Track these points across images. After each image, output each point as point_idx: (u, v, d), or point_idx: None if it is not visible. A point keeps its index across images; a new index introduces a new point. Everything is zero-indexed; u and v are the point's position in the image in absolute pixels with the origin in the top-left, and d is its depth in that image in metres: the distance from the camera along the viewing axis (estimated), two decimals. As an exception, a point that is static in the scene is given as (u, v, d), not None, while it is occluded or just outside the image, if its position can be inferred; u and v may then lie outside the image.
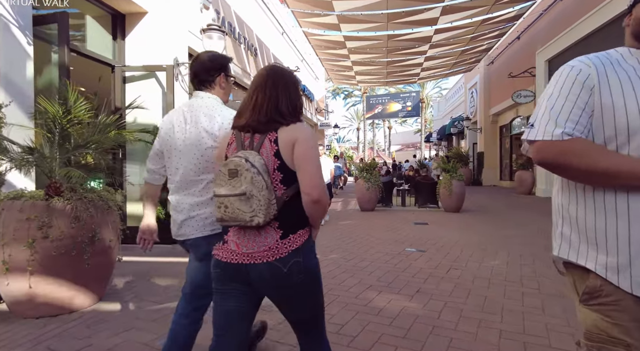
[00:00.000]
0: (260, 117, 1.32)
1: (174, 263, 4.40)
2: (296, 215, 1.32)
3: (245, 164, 1.22)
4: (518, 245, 5.26)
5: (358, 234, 6.22)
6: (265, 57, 11.63)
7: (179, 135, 1.74)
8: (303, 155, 1.28)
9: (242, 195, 1.22)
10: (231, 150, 1.36)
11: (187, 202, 1.72)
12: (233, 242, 1.32)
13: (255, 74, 1.42)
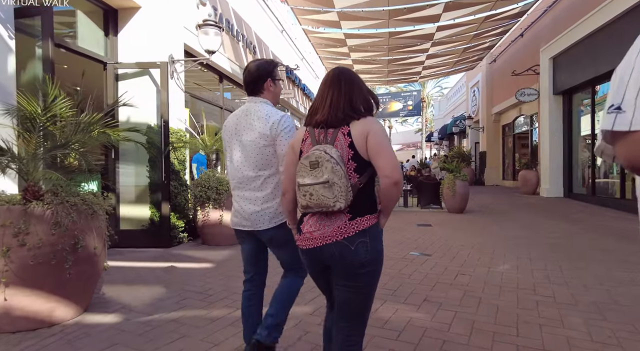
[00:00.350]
0: (338, 113, 1.48)
1: (166, 268, 4.19)
2: (365, 201, 1.46)
3: (325, 155, 1.38)
4: (526, 247, 5.05)
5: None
6: (264, 55, 11.42)
7: (237, 137, 1.97)
8: (379, 144, 1.43)
9: (326, 182, 1.37)
10: (306, 145, 1.53)
11: (250, 197, 1.95)
12: (307, 231, 1.49)
13: (325, 75, 1.58)
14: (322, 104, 1.52)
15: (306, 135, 1.56)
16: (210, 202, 5.14)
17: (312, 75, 19.00)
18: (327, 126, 1.50)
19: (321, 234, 1.45)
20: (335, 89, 1.51)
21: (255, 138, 1.90)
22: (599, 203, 9.34)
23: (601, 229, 6.43)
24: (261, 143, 1.89)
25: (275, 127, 1.88)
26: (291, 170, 1.60)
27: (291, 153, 1.62)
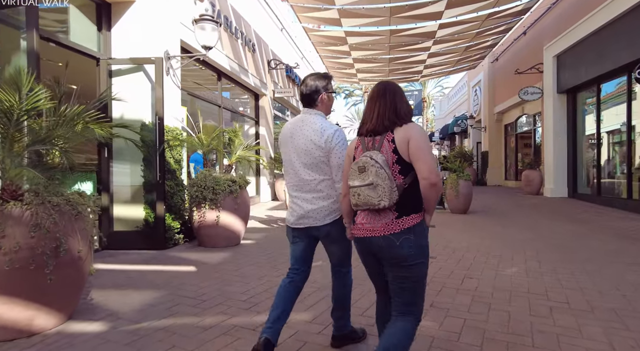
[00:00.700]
0: (384, 122, 1.69)
1: (158, 272, 4.01)
2: (411, 201, 1.65)
3: (371, 161, 1.59)
4: (533, 249, 4.87)
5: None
6: (264, 54, 11.25)
7: (293, 144, 2.14)
8: (418, 149, 1.60)
9: (370, 184, 1.58)
10: (358, 152, 1.76)
11: (307, 198, 2.13)
12: (361, 223, 1.73)
13: (372, 89, 1.79)
14: (371, 115, 1.75)
15: (358, 143, 1.81)
16: (207, 202, 4.96)
17: (312, 75, 18.85)
18: (375, 134, 1.73)
19: (371, 227, 1.68)
20: (381, 101, 1.73)
21: (311, 147, 2.08)
22: (604, 203, 9.16)
23: (609, 230, 6.25)
24: (316, 153, 2.08)
25: (329, 140, 2.05)
26: (347, 174, 1.81)
27: (347, 161, 1.88)
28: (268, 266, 4.18)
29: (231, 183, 5.11)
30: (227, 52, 8.55)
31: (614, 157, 9.41)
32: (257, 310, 2.90)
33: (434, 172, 1.58)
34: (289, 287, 2.21)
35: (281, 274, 3.85)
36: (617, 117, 9.14)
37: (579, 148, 10.74)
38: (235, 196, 5.11)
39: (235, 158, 5.47)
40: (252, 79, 10.00)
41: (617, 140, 9.23)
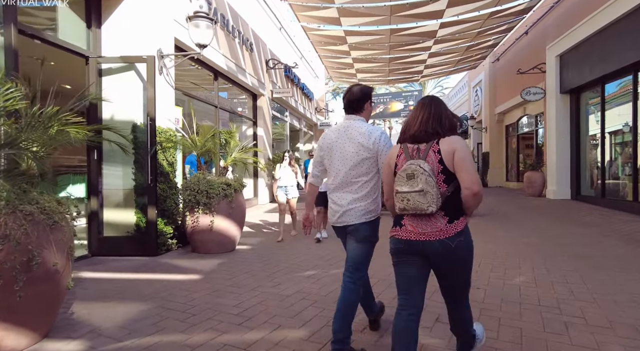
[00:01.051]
0: (427, 128, 1.79)
1: (148, 281, 3.81)
2: (457, 206, 1.77)
3: (420, 169, 1.69)
4: (540, 256, 4.67)
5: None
6: (262, 53, 11.05)
7: (338, 148, 2.27)
8: (462, 160, 1.72)
9: (420, 191, 1.68)
10: (400, 160, 1.84)
11: (347, 197, 2.25)
12: (410, 226, 1.79)
13: (418, 101, 1.91)
14: (415, 121, 1.86)
15: (400, 151, 1.88)
16: (200, 206, 4.76)
17: (312, 75, 18.63)
18: (418, 141, 1.83)
19: (421, 231, 1.77)
20: (426, 110, 1.86)
21: (358, 150, 2.22)
22: (609, 205, 8.97)
23: (616, 234, 6.05)
24: (364, 154, 2.22)
25: (377, 142, 2.22)
26: (389, 181, 1.96)
27: (387, 167, 1.97)
28: (263, 274, 3.98)
29: (226, 186, 4.90)
30: (224, 51, 8.35)
31: (618, 158, 9.22)
32: (250, 325, 2.69)
33: (476, 183, 1.72)
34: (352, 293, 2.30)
35: (277, 284, 3.66)
36: (622, 117, 8.95)
37: (582, 149, 10.55)
38: (230, 200, 4.91)
39: (231, 161, 5.28)
40: (249, 79, 9.81)
41: (622, 140, 9.04)
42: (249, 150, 6.03)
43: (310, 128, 19.20)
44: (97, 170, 4.99)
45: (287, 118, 14.49)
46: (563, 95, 10.91)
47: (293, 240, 5.83)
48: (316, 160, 2.46)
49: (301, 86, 15.49)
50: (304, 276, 3.89)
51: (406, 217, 1.83)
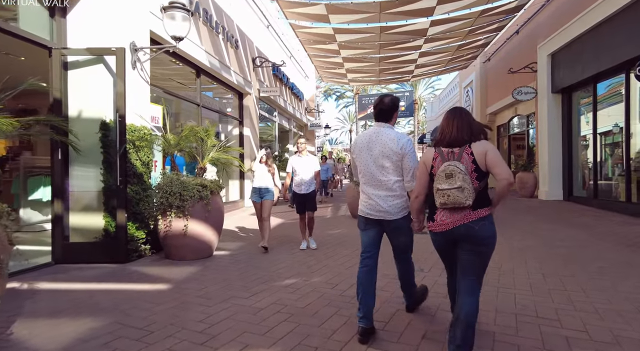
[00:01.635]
0: (463, 135, 2.14)
1: (110, 292, 3.46)
2: (482, 198, 2.13)
3: (457, 169, 2.04)
4: (535, 260, 4.42)
5: (348, 247, 5.33)
6: (248, 51, 10.73)
7: (368, 151, 2.59)
8: (495, 158, 2.09)
9: (459, 188, 2.01)
10: (437, 161, 2.18)
11: (381, 196, 2.54)
12: (441, 219, 2.15)
13: (447, 112, 2.26)
14: (450, 129, 2.16)
15: (436, 154, 2.18)
16: (173, 209, 4.42)
17: (302, 75, 18.34)
18: (452, 146, 2.13)
19: (451, 221, 2.10)
20: (457, 119, 2.16)
21: (388, 153, 2.53)
22: (601, 206, 8.81)
23: (612, 237, 5.84)
24: (393, 157, 2.53)
25: (404, 147, 2.52)
26: (423, 180, 2.25)
27: (423, 167, 2.25)
28: (238, 284, 3.65)
29: (201, 188, 4.57)
30: (207, 48, 8.01)
31: (611, 159, 9.06)
32: (212, 345, 2.37)
33: (510, 174, 2.06)
34: (368, 275, 2.61)
35: (251, 294, 3.34)
36: (614, 117, 8.80)
37: (574, 149, 10.40)
38: (206, 202, 4.58)
39: (207, 160, 4.94)
40: (234, 77, 9.47)
41: (614, 140, 8.89)
42: (229, 150, 5.68)
43: (301, 129, 18.89)
44: (63, 170, 4.62)
45: (276, 118, 14.17)
46: (555, 95, 10.77)
47: (276, 245, 5.51)
48: (352, 164, 2.84)
49: (290, 86, 15.18)
50: (282, 286, 3.58)
51: (438, 211, 2.17)
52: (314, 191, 5.36)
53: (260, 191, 5.29)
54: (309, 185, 5.30)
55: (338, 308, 3.00)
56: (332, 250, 5.13)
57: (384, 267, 3.44)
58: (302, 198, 5.33)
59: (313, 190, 5.35)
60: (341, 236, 6.25)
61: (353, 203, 8.45)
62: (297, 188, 5.32)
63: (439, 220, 2.16)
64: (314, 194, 5.36)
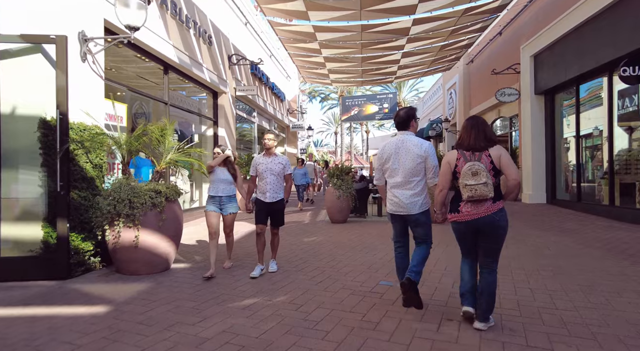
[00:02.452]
0: (480, 142, 2.61)
1: (34, 318, 2.92)
2: (498, 192, 2.60)
3: (481, 167, 2.50)
4: (521, 271, 4.08)
5: (322, 258, 4.90)
6: (224, 48, 10.23)
7: (396, 156, 3.03)
8: (508, 162, 2.57)
9: (485, 183, 2.47)
10: (460, 162, 2.62)
11: (406, 194, 2.99)
12: (466, 210, 2.59)
13: (465, 121, 2.74)
14: (468, 137, 2.66)
15: (459, 155, 2.66)
16: (121, 218, 3.91)
17: (283, 75, 17.90)
18: (473, 150, 2.62)
19: (475, 212, 2.57)
20: (475, 129, 2.66)
21: (413, 157, 2.97)
22: (585, 210, 8.63)
23: (598, 243, 5.59)
24: (417, 160, 2.97)
25: (427, 150, 2.99)
26: (447, 177, 2.72)
27: (447, 166, 2.71)
28: (189, 305, 3.18)
29: (154, 194, 4.07)
30: (176, 43, 7.50)
31: (595, 161, 8.90)
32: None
33: (518, 175, 2.58)
34: (403, 257, 3.16)
35: (201, 319, 2.87)
36: (598, 119, 8.65)
37: (557, 152, 10.24)
38: (160, 210, 4.08)
39: (165, 164, 4.44)
40: (207, 74, 8.97)
41: (595, 143, 8.73)
42: (190, 151, 5.18)
43: (282, 131, 18.42)
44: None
45: (256, 119, 13.66)
46: (538, 97, 10.61)
47: (242, 258, 5.04)
48: (377, 168, 3.22)
49: (270, 85, 14.71)
50: (240, 308, 3.12)
51: (463, 203, 2.59)
52: (283, 201, 4.28)
53: (221, 201, 4.29)
54: (276, 192, 4.20)
55: (299, 336, 2.56)
56: (303, 262, 4.69)
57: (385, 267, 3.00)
58: (265, 208, 4.19)
59: (281, 200, 4.24)
60: (316, 245, 5.82)
61: (332, 208, 8.03)
62: (262, 195, 4.22)
63: (465, 211, 2.60)
64: (281, 205, 4.26)
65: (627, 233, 6.26)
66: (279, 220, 4.28)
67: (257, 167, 4.29)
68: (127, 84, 6.73)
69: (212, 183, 4.35)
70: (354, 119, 22.78)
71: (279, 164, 4.25)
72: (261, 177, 4.25)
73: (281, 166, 4.26)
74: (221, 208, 4.31)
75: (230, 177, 4.36)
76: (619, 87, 7.83)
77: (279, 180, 4.26)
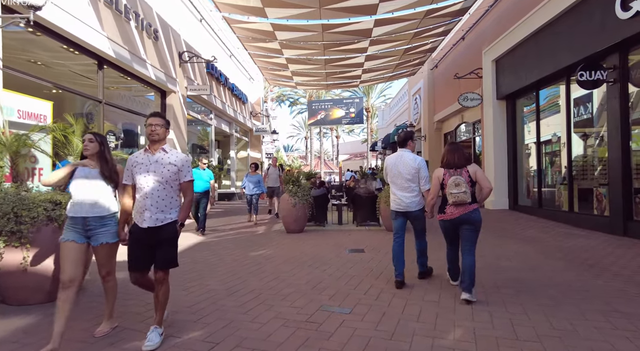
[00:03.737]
0: (461, 161, 3.50)
1: None
2: (473, 197, 3.46)
3: (462, 180, 3.38)
4: (480, 288, 3.67)
5: (263, 276, 4.32)
6: (173, 44, 9.49)
7: (397, 168, 3.96)
8: (481, 176, 3.48)
9: (464, 192, 3.34)
10: (446, 176, 3.50)
11: (406, 195, 3.91)
12: (450, 211, 3.47)
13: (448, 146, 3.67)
14: (452, 157, 3.55)
15: (445, 172, 3.55)
16: (2, 237, 3.17)
17: (245, 76, 17.22)
18: (455, 167, 3.51)
19: (458, 212, 3.43)
20: (456, 151, 3.59)
21: (409, 169, 3.91)
22: (546, 216, 8.52)
23: (560, 252, 5.33)
24: (412, 171, 3.91)
25: (419, 164, 3.93)
26: (436, 188, 3.63)
27: (436, 180, 3.60)
28: (73, 347, 2.50)
29: (52, 205, 3.36)
30: (112, 35, 6.74)
31: (554, 167, 8.85)
32: None
33: (490, 185, 3.51)
34: (399, 247, 3.96)
35: None
36: (557, 126, 8.60)
37: (519, 157, 10.18)
38: (59, 225, 3.36)
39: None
40: (153, 72, 8.21)
41: (557, 148, 8.67)
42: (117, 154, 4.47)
43: (245, 134, 17.69)
44: None
45: (213, 121, 12.90)
46: (499, 102, 10.55)
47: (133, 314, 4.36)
48: (385, 174, 4.18)
49: (230, 86, 14.02)
50: (137, 348, 2.48)
51: (448, 206, 3.51)
52: (174, 223, 2.68)
53: (85, 225, 2.68)
54: (162, 211, 2.64)
55: None
56: (241, 282, 4.09)
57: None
58: (144, 238, 2.62)
59: (171, 222, 2.66)
60: (263, 260, 5.22)
61: (288, 217, 7.46)
62: (138, 216, 2.67)
63: (449, 212, 3.50)
64: (172, 230, 2.65)
65: (586, 241, 6.08)
66: (168, 255, 2.63)
67: (132, 171, 2.70)
68: (54, 80, 5.92)
69: (73, 196, 2.72)
70: (320, 123, 22.38)
71: (167, 166, 2.66)
72: (139, 187, 2.66)
73: (171, 169, 2.67)
74: (88, 236, 2.70)
75: (104, 182, 2.76)
76: (575, 94, 7.79)
77: (166, 192, 2.66)
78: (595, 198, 7.30)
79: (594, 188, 7.39)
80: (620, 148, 6.45)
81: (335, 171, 40.88)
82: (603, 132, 7.11)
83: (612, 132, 6.66)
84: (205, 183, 7.16)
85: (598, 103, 7.26)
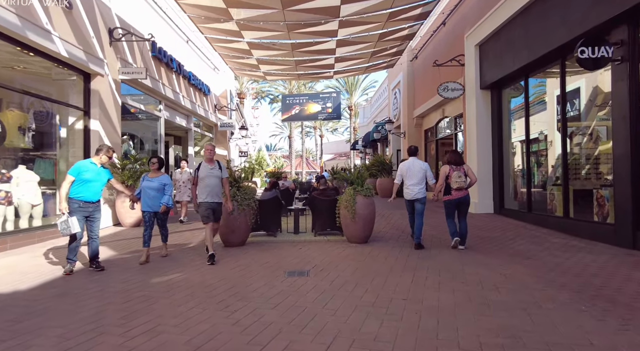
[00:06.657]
0: (461, 161, 5.69)
1: None
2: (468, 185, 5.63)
3: (462, 173, 5.56)
4: (453, 344, 2.32)
5: (140, 322, 2.87)
6: (99, 18, 7.90)
7: (411, 170, 5.81)
8: (471, 172, 5.68)
9: (464, 181, 5.52)
10: (451, 171, 5.56)
11: (416, 189, 5.76)
12: (454, 194, 5.57)
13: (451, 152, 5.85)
14: (456, 159, 5.63)
15: (450, 168, 5.56)
16: None
17: (208, 66, 15.62)
18: (457, 164, 5.59)
19: (460, 194, 5.54)
20: (458, 155, 5.73)
21: (419, 170, 5.78)
22: (536, 222, 7.32)
23: (562, 275, 4.05)
24: (421, 172, 5.79)
25: (426, 167, 5.86)
26: (443, 179, 5.60)
27: (443, 174, 5.61)
28: None
29: None
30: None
31: (545, 165, 7.62)
32: None
33: (475, 177, 5.70)
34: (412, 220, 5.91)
35: None
36: (549, 117, 7.38)
37: (505, 154, 8.95)
38: None
39: None
40: (64, 48, 6.64)
41: (549, 142, 7.44)
42: None
43: (209, 130, 16.11)
44: None
45: (162, 112, 11.30)
46: (484, 92, 9.32)
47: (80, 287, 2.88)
48: (399, 174, 5.99)
49: (186, 75, 12.45)
50: None
51: (453, 190, 5.50)
52: None
53: None
54: None
55: None
56: (88, 341, 2.63)
57: None
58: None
59: None
60: (163, 290, 3.77)
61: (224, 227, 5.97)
62: None
63: (454, 194, 5.51)
64: None
65: (590, 256, 4.84)
66: None
67: None
68: None
69: None
70: (295, 119, 20.98)
71: None
72: None
73: None
74: None
75: None
76: (571, 86, 6.59)
77: None
78: (595, 201, 6.09)
79: (593, 190, 6.19)
80: (629, 142, 5.24)
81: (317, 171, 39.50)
82: (605, 123, 5.90)
83: (618, 123, 5.45)
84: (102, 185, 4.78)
85: (598, 90, 6.05)
